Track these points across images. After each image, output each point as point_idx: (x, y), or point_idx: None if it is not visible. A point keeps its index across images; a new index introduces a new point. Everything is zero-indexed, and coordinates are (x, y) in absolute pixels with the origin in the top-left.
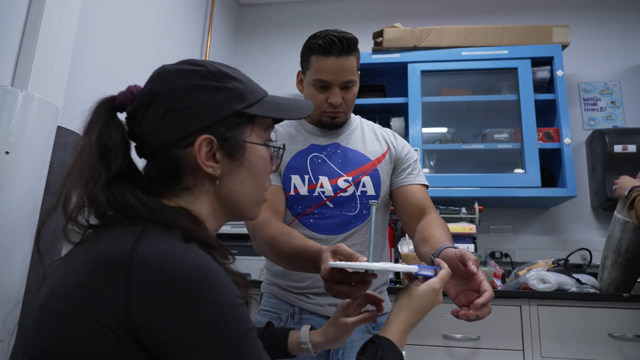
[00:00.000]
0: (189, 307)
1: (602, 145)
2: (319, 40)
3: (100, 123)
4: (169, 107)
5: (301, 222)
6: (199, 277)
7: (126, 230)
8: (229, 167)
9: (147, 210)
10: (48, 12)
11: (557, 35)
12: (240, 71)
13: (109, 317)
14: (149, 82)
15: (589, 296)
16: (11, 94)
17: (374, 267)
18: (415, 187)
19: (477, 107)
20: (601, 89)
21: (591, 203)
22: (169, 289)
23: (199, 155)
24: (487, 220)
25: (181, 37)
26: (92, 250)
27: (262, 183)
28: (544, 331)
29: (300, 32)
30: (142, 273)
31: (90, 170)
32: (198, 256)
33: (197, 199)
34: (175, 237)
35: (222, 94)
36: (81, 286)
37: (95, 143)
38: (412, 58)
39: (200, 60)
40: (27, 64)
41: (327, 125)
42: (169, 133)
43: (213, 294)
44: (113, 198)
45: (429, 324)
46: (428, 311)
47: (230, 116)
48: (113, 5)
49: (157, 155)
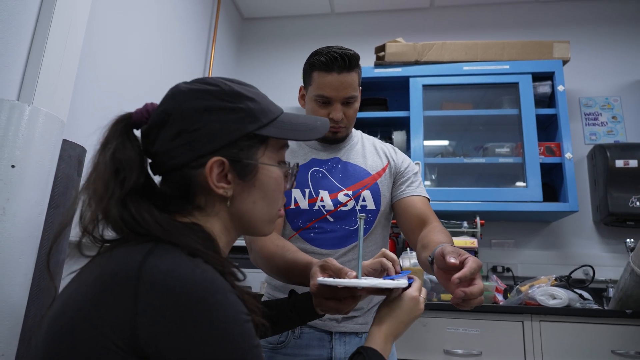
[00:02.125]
0: (193, 324)
1: (604, 160)
2: (321, 56)
3: (116, 140)
4: (181, 129)
5: (301, 237)
6: (204, 294)
7: (137, 247)
8: (240, 188)
9: (160, 229)
10: (55, 28)
11: (557, 50)
12: (256, 89)
13: (115, 332)
14: (162, 102)
15: (592, 312)
16: (18, 108)
17: (362, 284)
18: (416, 198)
19: (479, 121)
20: (602, 104)
21: (593, 218)
22: (174, 305)
23: (210, 177)
24: (488, 235)
25: (185, 50)
26: (103, 265)
27: (275, 202)
28: (546, 347)
29: (303, 46)
30: (148, 289)
31: (104, 186)
32: (205, 272)
33: (209, 217)
34: (184, 253)
35: (234, 115)
36: (90, 301)
37: (110, 160)
38: (413, 72)
39: (215, 79)
40: (34, 79)
41: (329, 139)
42: (181, 154)
43: (218, 310)
44: (128, 215)
45: (431, 340)
46: (410, 320)
47: (242, 137)
48: (118, 20)
49: (170, 175)
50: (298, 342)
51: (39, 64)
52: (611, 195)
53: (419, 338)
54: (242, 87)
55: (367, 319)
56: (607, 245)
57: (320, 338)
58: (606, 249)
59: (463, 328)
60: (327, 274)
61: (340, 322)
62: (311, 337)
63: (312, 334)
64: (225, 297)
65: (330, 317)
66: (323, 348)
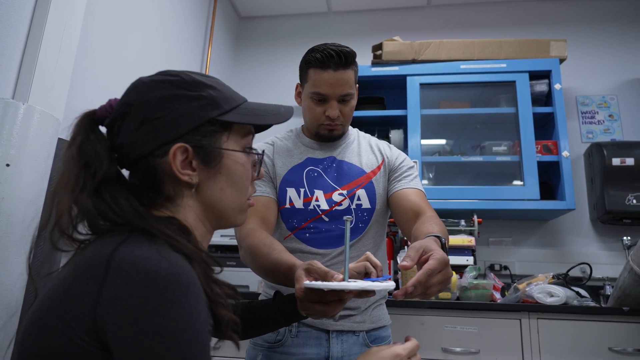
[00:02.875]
0: (145, 316)
1: (601, 159)
2: (317, 53)
3: (81, 135)
4: (144, 118)
5: (297, 237)
6: (165, 288)
7: (110, 239)
8: (206, 175)
9: (135, 214)
10: (50, 26)
11: (554, 49)
12: (218, 80)
13: (81, 323)
14: (124, 94)
15: (589, 310)
16: (12, 106)
17: (349, 286)
18: (409, 191)
19: (476, 119)
20: (599, 102)
21: (590, 216)
22: (132, 295)
23: (174, 164)
24: (486, 233)
25: (182, 49)
26: (77, 262)
27: (244, 189)
28: (544, 345)
29: (300, 44)
30: (113, 279)
31: (75, 179)
32: (173, 266)
33: (181, 208)
34: (157, 245)
35: (196, 103)
36: (61, 294)
37: (77, 153)
38: (411, 71)
39: (176, 70)
40: (29, 77)
41: (325, 137)
42: (145, 144)
43: (174, 308)
44: (103, 204)
45: (429, 338)
46: None
47: (205, 124)
48: (114, 18)
49: (136, 166)
50: (295, 341)
51: (34, 62)
52: (608, 194)
53: (417, 336)
54: (204, 77)
55: (364, 317)
56: (604, 243)
57: (318, 337)
58: (603, 247)
59: (461, 326)
60: (312, 277)
61: (337, 320)
62: (308, 335)
63: (309, 332)
64: (185, 296)
65: None
66: (320, 347)
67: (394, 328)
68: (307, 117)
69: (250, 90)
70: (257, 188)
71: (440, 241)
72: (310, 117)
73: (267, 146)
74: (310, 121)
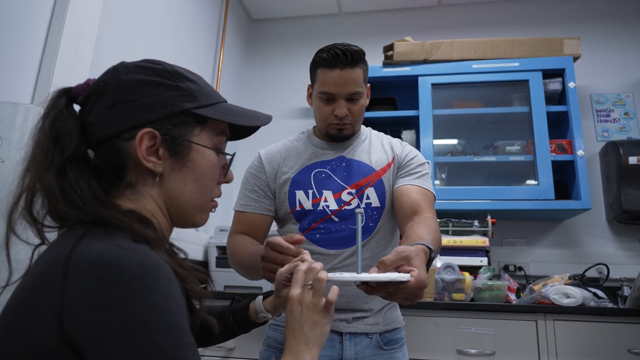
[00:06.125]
0: (119, 311)
1: (617, 157)
2: (324, 53)
3: (54, 110)
4: (117, 99)
5: (307, 238)
6: (132, 278)
7: (65, 239)
8: (172, 166)
9: (94, 201)
10: (67, 33)
11: (568, 47)
12: (200, 77)
13: (46, 331)
14: (103, 73)
15: (607, 311)
16: (33, 111)
17: (362, 278)
18: (411, 187)
19: (488, 119)
20: (614, 100)
21: (606, 215)
22: (100, 292)
23: (140, 149)
24: (500, 233)
25: (195, 51)
26: (34, 268)
27: (208, 188)
28: (560, 347)
29: (311, 46)
30: (75, 280)
31: (44, 153)
32: (136, 255)
33: (141, 197)
34: (117, 237)
35: (173, 92)
36: (21, 305)
37: (49, 128)
38: (422, 71)
39: (160, 60)
40: (47, 83)
41: (334, 137)
42: (115, 124)
43: (146, 296)
44: (67, 184)
45: (443, 339)
46: (298, 321)
47: (178, 114)
48: (129, 22)
49: (102, 146)
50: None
51: (52, 68)
52: (624, 193)
53: (431, 338)
54: (187, 71)
55: (378, 319)
56: (621, 243)
57: (331, 339)
58: (620, 247)
59: (476, 327)
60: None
61: (351, 322)
62: None
63: None
64: (155, 282)
65: (340, 318)
66: (333, 349)
67: (408, 330)
68: (317, 117)
69: (261, 93)
70: (247, 204)
71: (430, 255)
72: (320, 117)
73: (276, 151)
74: (319, 121)
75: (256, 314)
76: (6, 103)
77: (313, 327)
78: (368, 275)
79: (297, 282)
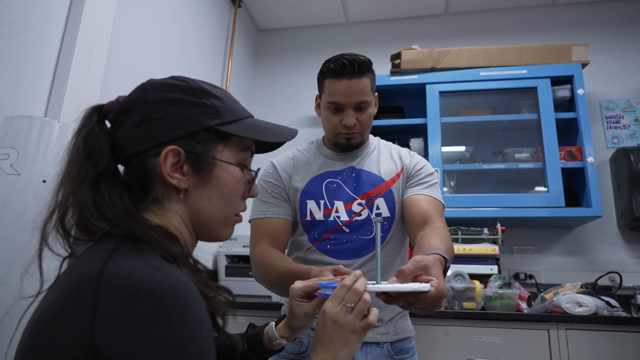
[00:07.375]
0: (148, 330)
1: (627, 164)
2: (331, 64)
3: (87, 127)
4: (144, 117)
5: (318, 249)
6: (164, 299)
7: (96, 253)
8: (196, 182)
9: (126, 216)
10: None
11: (576, 54)
12: (226, 92)
13: (77, 346)
14: (132, 92)
15: (620, 320)
16: (48, 125)
17: (382, 288)
18: (421, 197)
19: (497, 126)
20: (624, 106)
21: (618, 223)
22: (130, 313)
23: (164, 166)
24: (510, 241)
25: (204, 62)
26: (63, 280)
27: (232, 203)
28: (573, 357)
29: (318, 55)
30: (107, 299)
31: (78, 168)
32: (167, 277)
33: (167, 212)
34: (146, 256)
35: (197, 109)
36: (52, 319)
37: (82, 144)
38: (430, 79)
39: (187, 77)
40: (60, 96)
41: (343, 146)
42: (141, 142)
43: (178, 318)
44: (100, 198)
45: (454, 349)
46: (331, 337)
47: (201, 131)
48: (139, 34)
49: (130, 162)
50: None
51: (65, 82)
52: (636, 200)
53: (442, 347)
54: (212, 87)
55: (388, 328)
56: (634, 250)
57: None
58: (632, 255)
59: (487, 337)
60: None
61: None
62: None
63: None
64: (186, 304)
65: None
66: None
67: (418, 339)
68: (326, 127)
69: (269, 102)
70: (269, 209)
71: (445, 265)
72: (328, 127)
73: (288, 160)
74: (328, 131)
75: (270, 341)
76: (22, 117)
77: (345, 345)
78: (390, 286)
79: (338, 297)
